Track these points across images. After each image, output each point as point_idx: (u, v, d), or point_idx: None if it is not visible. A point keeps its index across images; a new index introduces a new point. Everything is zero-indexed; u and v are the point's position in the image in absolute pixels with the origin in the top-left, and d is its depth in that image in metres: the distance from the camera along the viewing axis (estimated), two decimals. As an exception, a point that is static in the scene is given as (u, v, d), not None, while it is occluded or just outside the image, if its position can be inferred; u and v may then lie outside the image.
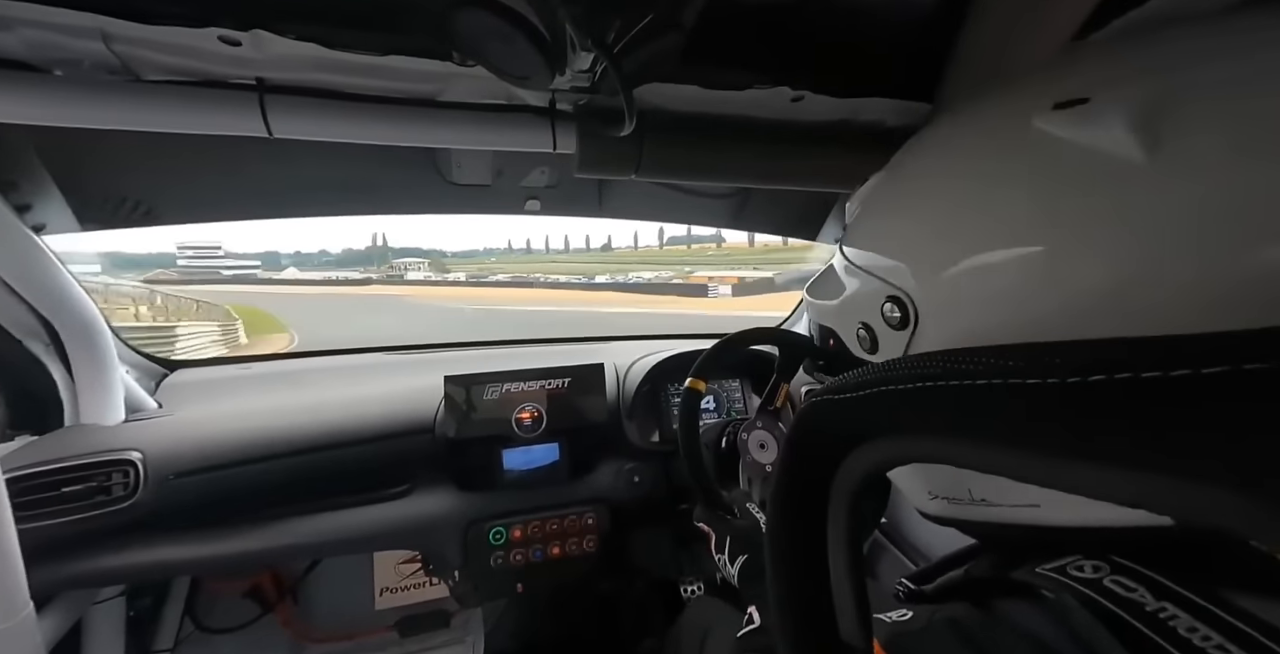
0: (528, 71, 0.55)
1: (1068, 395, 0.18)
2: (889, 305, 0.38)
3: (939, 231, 0.36)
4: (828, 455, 0.29)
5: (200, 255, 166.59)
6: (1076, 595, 0.28)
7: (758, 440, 0.96)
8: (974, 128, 0.38)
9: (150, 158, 0.83)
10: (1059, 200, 0.29)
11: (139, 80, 0.59)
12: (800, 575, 0.30)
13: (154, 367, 1.19)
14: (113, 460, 0.86)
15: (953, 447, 0.24)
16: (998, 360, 0.21)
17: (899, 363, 0.26)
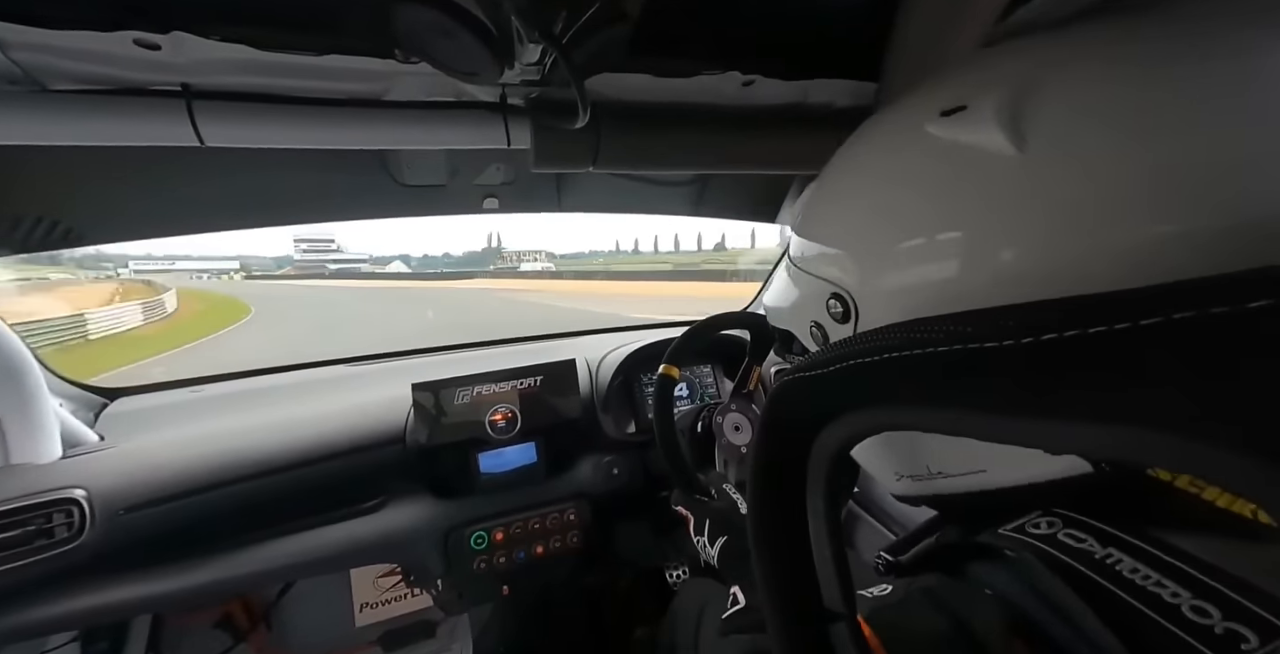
0: (475, 67, 0.53)
1: (1024, 355, 0.20)
2: (832, 302, 0.41)
3: (863, 230, 0.40)
4: (802, 431, 0.30)
5: (314, 249, 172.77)
6: (1035, 552, 0.30)
7: (732, 423, 0.98)
8: (879, 137, 0.42)
9: (69, 174, 0.76)
10: (958, 195, 0.33)
11: (46, 90, 0.54)
12: (782, 548, 0.31)
13: (91, 397, 1.11)
14: (53, 500, 0.80)
15: (920, 413, 0.25)
16: (956, 327, 0.22)
17: (863, 337, 0.27)
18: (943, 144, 0.34)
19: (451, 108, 0.68)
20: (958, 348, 0.21)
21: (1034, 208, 0.29)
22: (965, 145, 0.32)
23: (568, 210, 1.20)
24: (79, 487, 0.82)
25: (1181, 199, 0.25)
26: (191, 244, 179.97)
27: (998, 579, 0.32)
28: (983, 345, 0.21)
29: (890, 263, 0.36)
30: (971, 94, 0.33)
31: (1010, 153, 0.30)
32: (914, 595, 0.35)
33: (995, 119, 0.31)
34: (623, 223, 65.07)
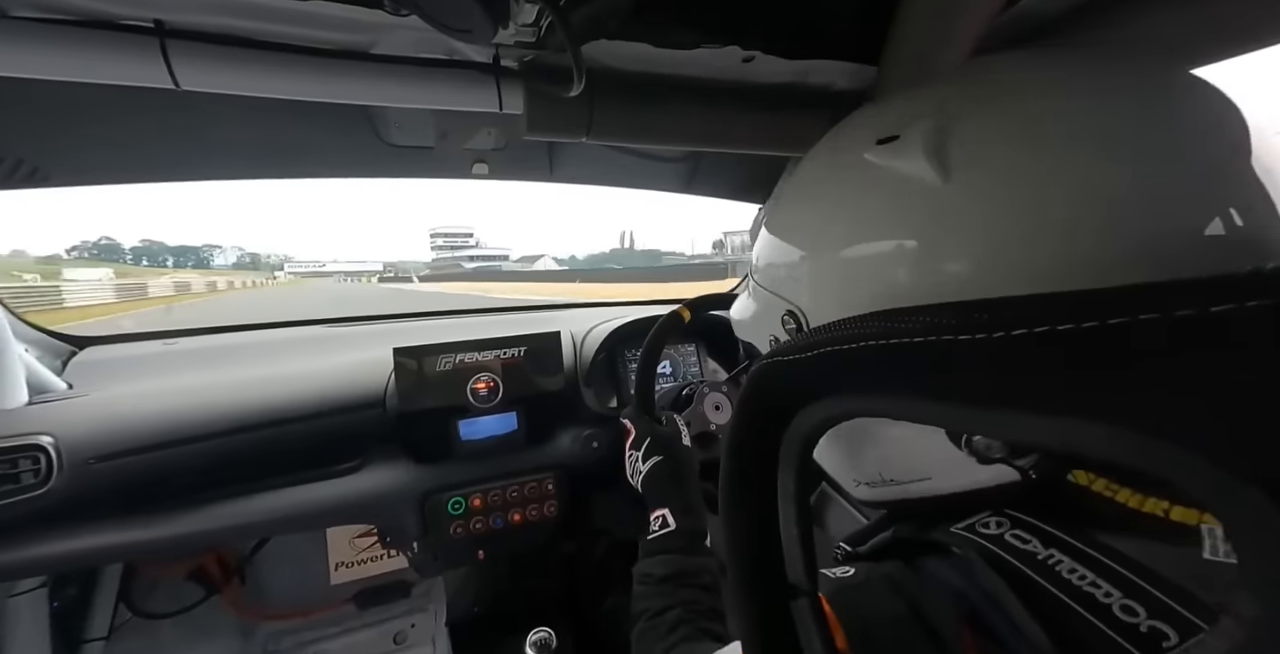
0: (467, 24, 0.51)
1: (993, 348, 0.20)
2: (786, 318, 0.44)
3: (811, 250, 0.42)
4: (778, 414, 0.31)
5: (450, 245, 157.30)
6: (979, 550, 0.33)
7: (713, 402, 1.00)
8: (826, 161, 0.45)
9: (33, 109, 0.73)
10: (894, 219, 0.35)
11: (6, 17, 0.51)
12: (752, 524, 0.32)
13: (59, 344, 1.08)
14: (19, 446, 0.79)
15: (892, 401, 0.26)
16: (933, 318, 0.23)
17: (843, 323, 0.27)
18: (878, 171, 0.36)
19: (442, 65, 0.66)
20: (932, 339, 0.22)
21: (959, 233, 0.32)
22: (897, 173, 0.35)
23: (559, 181, 1.18)
24: (46, 434, 0.81)
25: (1090, 226, 0.29)
26: (344, 250, 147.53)
27: (946, 573, 0.34)
28: (956, 337, 0.21)
29: (836, 282, 0.39)
30: (903, 124, 0.36)
31: (936, 182, 0.33)
32: (875, 579, 0.37)
33: (922, 150, 0.33)
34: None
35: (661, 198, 1.14)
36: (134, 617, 1.17)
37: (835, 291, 0.39)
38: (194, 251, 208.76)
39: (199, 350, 1.21)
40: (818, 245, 0.41)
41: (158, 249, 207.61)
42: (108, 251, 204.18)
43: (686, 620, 0.56)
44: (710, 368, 1.37)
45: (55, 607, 1.02)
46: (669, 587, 0.61)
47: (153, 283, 56.61)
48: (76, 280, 56.31)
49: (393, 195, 31.55)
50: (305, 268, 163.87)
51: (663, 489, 0.74)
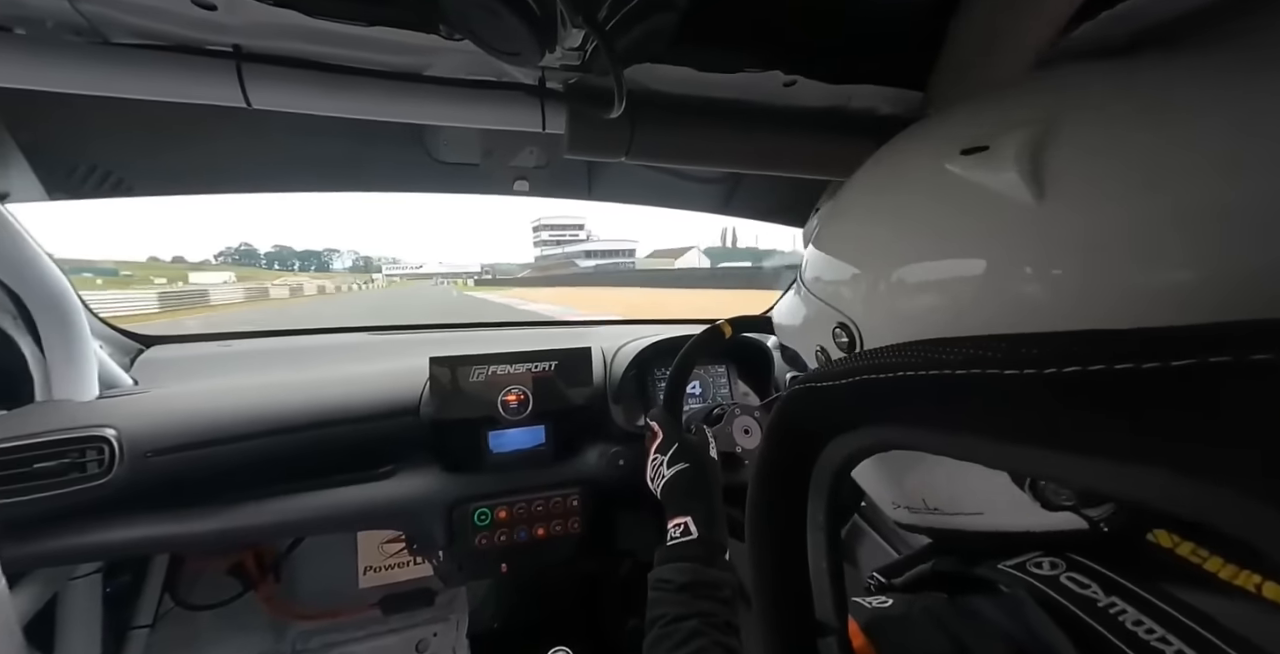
0: (517, 47, 0.53)
1: (1043, 385, 0.19)
2: (838, 330, 0.41)
3: (874, 262, 0.39)
4: (809, 441, 0.30)
5: (557, 238, 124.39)
6: (1031, 591, 0.30)
7: (743, 425, 0.98)
8: (898, 169, 0.41)
9: (123, 126, 0.80)
10: (973, 236, 0.32)
11: (108, 43, 0.56)
12: (779, 555, 0.31)
13: (129, 342, 1.16)
14: (87, 437, 0.84)
15: (929, 435, 0.25)
16: (976, 351, 0.21)
17: (881, 352, 0.26)
18: (961, 183, 0.33)
19: (490, 87, 0.69)
20: (975, 372, 0.21)
21: (1046, 256, 0.29)
22: (983, 188, 0.32)
23: (597, 199, 1.20)
24: (111, 426, 0.86)
25: (1197, 248, 0.25)
26: (451, 252, 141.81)
27: (992, 612, 0.32)
28: (1002, 372, 0.20)
29: (897, 298, 0.36)
30: (993, 134, 0.33)
31: (1028, 200, 0.29)
32: (916, 613, 0.35)
33: (1015, 164, 0.30)
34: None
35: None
36: (177, 607, 1.22)
37: (895, 308, 0.37)
38: (316, 255, 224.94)
39: (253, 352, 1.27)
40: (880, 258, 0.39)
41: (286, 253, 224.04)
42: (246, 256, 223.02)
43: (703, 632, 0.54)
44: (740, 391, 1.34)
45: (108, 592, 1.07)
46: (687, 596, 0.58)
47: (270, 284, 61.53)
48: (200, 284, 61.73)
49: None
50: (403, 271, 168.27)
51: (686, 497, 0.72)
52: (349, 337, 1.43)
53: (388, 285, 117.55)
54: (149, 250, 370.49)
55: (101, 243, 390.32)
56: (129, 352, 1.15)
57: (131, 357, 1.15)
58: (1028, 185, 0.29)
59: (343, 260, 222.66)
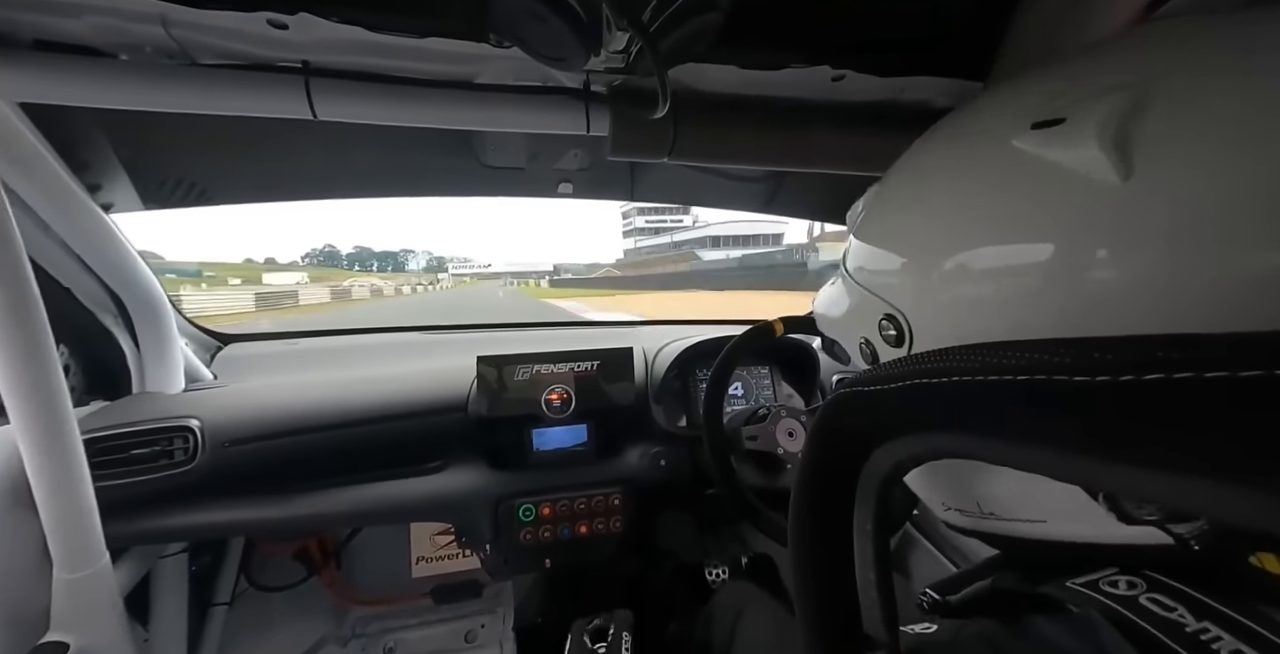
0: (563, 53, 0.55)
1: (1116, 393, 0.18)
2: (885, 322, 0.39)
3: (927, 249, 0.36)
4: (855, 448, 0.29)
5: (656, 225, 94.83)
6: (1105, 612, 0.27)
7: (787, 427, 0.96)
8: (955, 146, 0.38)
9: (204, 141, 0.87)
10: (1043, 221, 0.29)
11: (195, 64, 0.62)
12: (823, 565, 0.30)
13: (210, 340, 1.26)
14: (175, 427, 0.92)
15: (985, 443, 0.23)
16: (1040, 355, 0.20)
17: (933, 355, 0.25)
18: (1031, 162, 0.30)
19: (536, 92, 0.71)
20: (1039, 378, 0.20)
21: (1131, 243, 0.25)
22: (1058, 166, 0.28)
23: (639, 199, 1.21)
24: (195, 417, 0.94)
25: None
26: (517, 251, 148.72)
27: (1059, 635, 0.29)
28: (1070, 378, 0.19)
29: (955, 290, 0.33)
30: (1071, 105, 0.29)
31: (1112, 180, 0.26)
32: (965, 639, 0.33)
33: (1097, 139, 0.27)
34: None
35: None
36: (251, 588, 1.31)
37: (950, 300, 0.34)
38: (392, 256, 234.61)
39: (319, 350, 1.36)
40: (935, 246, 0.35)
41: (365, 254, 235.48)
42: (329, 258, 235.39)
43: None
44: (785, 393, 1.32)
45: (193, 571, 1.16)
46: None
47: (342, 284, 64.74)
48: (272, 285, 66.38)
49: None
50: (470, 270, 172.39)
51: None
52: (403, 336, 1.50)
53: (454, 285, 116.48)
54: (245, 253, 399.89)
55: (205, 246, 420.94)
56: (210, 349, 1.25)
57: (212, 353, 1.25)
58: (1112, 162, 0.26)
59: (417, 261, 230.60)
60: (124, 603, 0.83)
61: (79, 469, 0.71)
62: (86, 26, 0.55)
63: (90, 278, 0.91)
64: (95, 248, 0.87)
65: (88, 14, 0.54)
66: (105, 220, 0.86)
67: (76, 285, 0.90)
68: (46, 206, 0.78)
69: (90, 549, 0.75)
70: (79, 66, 0.59)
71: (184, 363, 1.07)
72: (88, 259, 0.88)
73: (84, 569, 0.75)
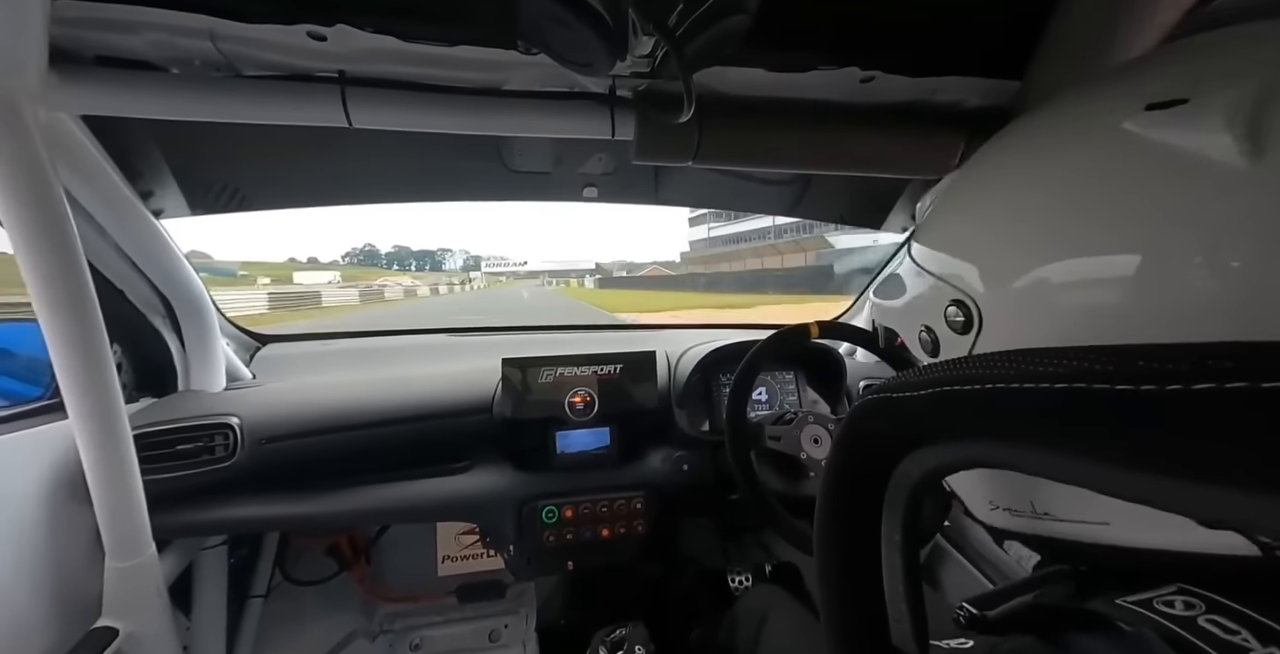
0: (589, 58, 0.55)
1: (1164, 405, 0.17)
2: (952, 309, 0.37)
3: (1016, 236, 0.34)
4: (882, 455, 0.28)
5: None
6: (1161, 632, 0.25)
7: (812, 434, 0.94)
8: (1059, 130, 0.36)
9: (246, 149, 0.91)
10: (1156, 206, 0.27)
11: (239, 76, 0.65)
12: (849, 575, 0.29)
13: (249, 340, 1.31)
14: (216, 424, 0.96)
15: (1022, 454, 0.22)
16: (1079, 363, 0.19)
17: (965, 362, 0.24)
18: (1144, 143, 0.28)
19: (563, 98, 0.72)
20: (1079, 386, 0.19)
21: (1255, 232, 0.23)
22: (1176, 148, 0.27)
23: (663, 203, 1.21)
24: (235, 415, 0.98)
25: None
26: (551, 251, 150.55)
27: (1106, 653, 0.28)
28: (1113, 387, 0.18)
29: (1043, 277, 0.31)
30: (1193, 86, 0.27)
31: (1239, 163, 0.24)
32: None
33: (1225, 119, 0.25)
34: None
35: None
36: (285, 581, 1.35)
37: (1035, 289, 0.32)
38: (430, 255, 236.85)
39: (351, 351, 1.40)
40: (1028, 227, 0.34)
41: (404, 254, 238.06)
42: (368, 257, 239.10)
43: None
44: (810, 399, 1.29)
45: (231, 563, 1.20)
46: None
47: (373, 285, 64.93)
48: (302, 284, 67.53)
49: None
50: (503, 269, 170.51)
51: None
52: (431, 338, 1.53)
53: (488, 285, 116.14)
54: (289, 252, 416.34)
55: (253, 245, 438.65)
56: (249, 348, 1.30)
57: (251, 353, 1.30)
58: (1240, 145, 0.24)
59: (454, 260, 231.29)
60: (168, 593, 0.87)
61: (130, 463, 0.75)
62: (143, 42, 0.59)
63: (141, 280, 0.96)
64: (147, 252, 0.92)
65: (144, 30, 0.57)
66: (156, 226, 0.91)
67: (129, 287, 0.95)
68: (104, 213, 0.82)
69: (138, 540, 0.79)
70: (136, 80, 0.62)
71: (225, 362, 1.12)
72: (140, 263, 0.93)
73: (133, 559, 0.79)
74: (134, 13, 0.54)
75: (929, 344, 0.42)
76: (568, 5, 0.48)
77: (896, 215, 1.17)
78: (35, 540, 0.77)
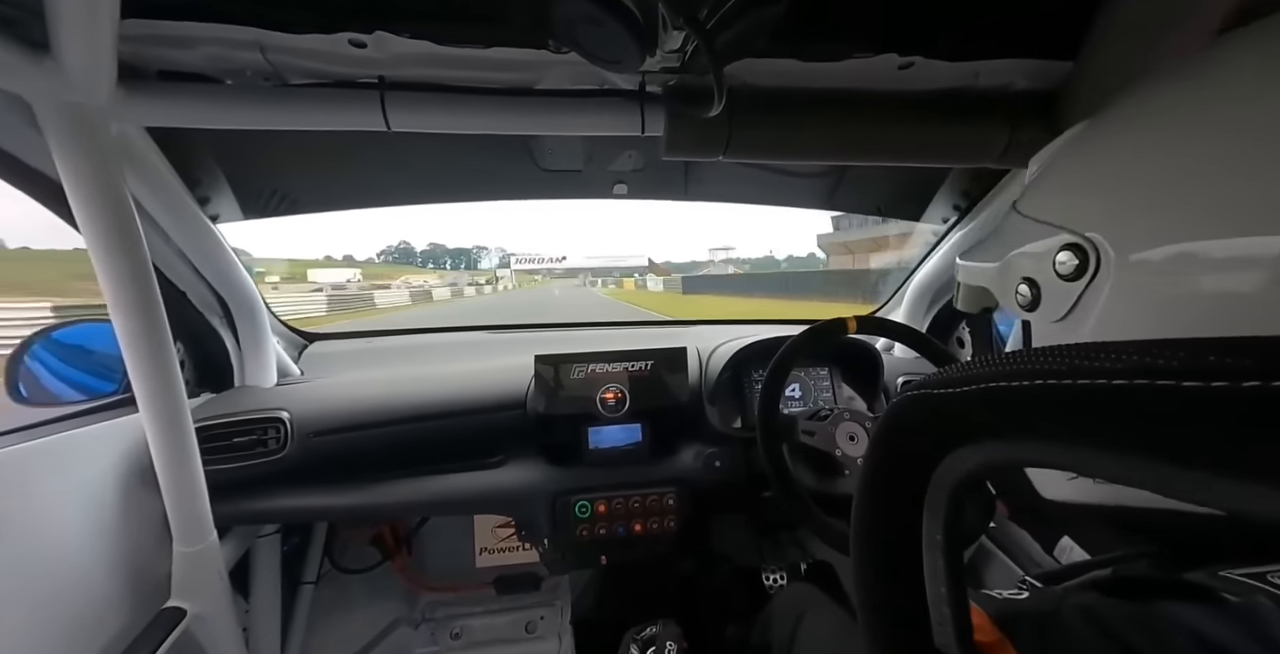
0: (619, 55, 0.56)
1: (1238, 402, 0.16)
2: (1064, 254, 0.35)
3: (1168, 171, 0.31)
4: (922, 454, 0.27)
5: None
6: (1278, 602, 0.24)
7: (848, 431, 0.93)
8: (1240, 82, 0.31)
9: (292, 155, 0.96)
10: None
11: (286, 85, 0.68)
12: (889, 576, 0.29)
13: (298, 338, 1.37)
14: (268, 418, 1.01)
15: (1077, 455, 0.21)
16: (1141, 357, 0.18)
17: (1013, 357, 0.23)
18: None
19: (593, 95, 0.72)
20: (1140, 383, 0.18)
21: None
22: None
23: (693, 199, 1.20)
24: (285, 410, 1.03)
25: None
26: (596, 247, 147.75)
27: (1208, 623, 0.26)
28: (1179, 384, 0.17)
29: (1189, 249, 0.28)
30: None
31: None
32: (1069, 611, 0.30)
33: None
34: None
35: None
36: (333, 569, 1.42)
37: (1175, 255, 0.29)
38: (466, 253, 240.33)
39: (392, 348, 1.45)
40: (1184, 167, 0.30)
41: (440, 252, 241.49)
42: (404, 255, 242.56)
43: None
44: (845, 395, 1.27)
45: (285, 551, 1.27)
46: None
47: (391, 284, 64.53)
48: (318, 281, 68.45)
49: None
50: (541, 266, 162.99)
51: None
52: (467, 335, 1.57)
53: (519, 285, 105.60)
54: (326, 250, 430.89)
55: (291, 243, 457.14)
56: (297, 346, 1.37)
57: (299, 350, 1.36)
58: None
59: (490, 258, 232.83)
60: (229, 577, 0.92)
61: (193, 453, 0.80)
62: (200, 56, 0.62)
63: (201, 282, 1.01)
64: (206, 255, 0.98)
65: (201, 45, 0.60)
66: (213, 230, 0.96)
67: (190, 289, 1.01)
68: (168, 219, 0.88)
69: (201, 526, 0.84)
70: (195, 92, 0.66)
71: (276, 359, 1.17)
72: (199, 265, 0.99)
73: (197, 544, 0.84)
74: (192, 28, 0.58)
75: (1027, 298, 0.39)
76: (600, 3, 0.49)
77: (937, 206, 1.13)
78: (112, 525, 0.83)
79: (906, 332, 0.92)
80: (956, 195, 1.08)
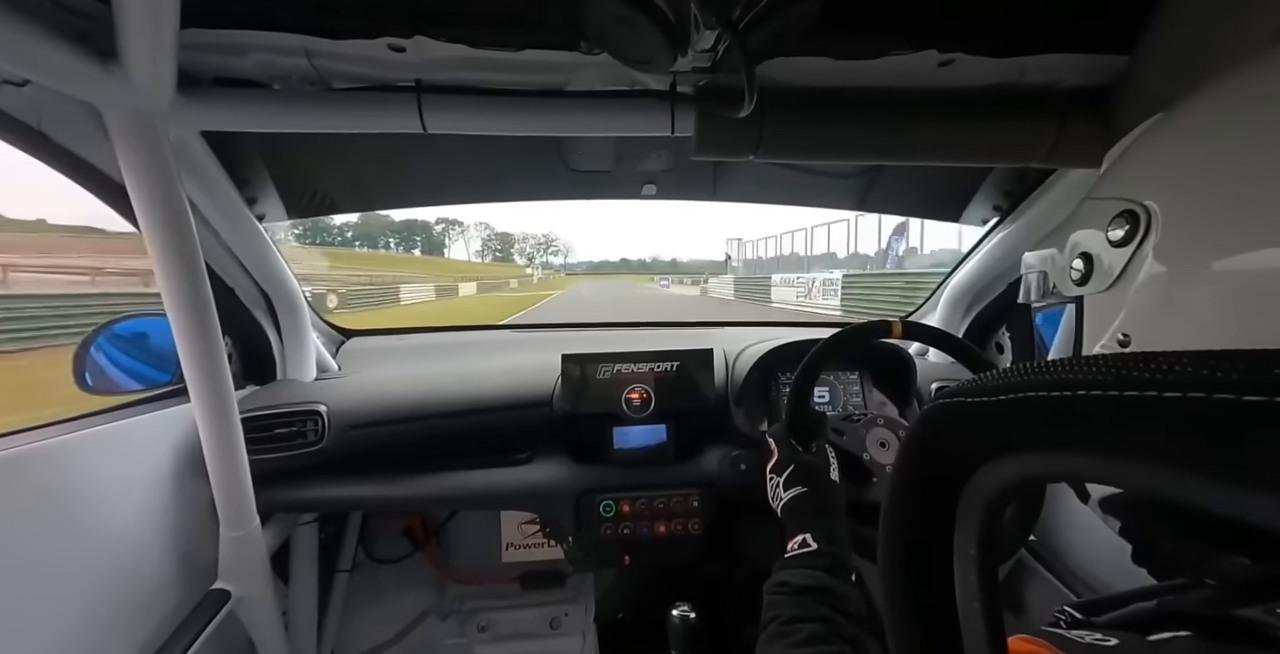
0: (650, 55, 0.56)
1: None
2: (1117, 222, 0.34)
3: (1243, 179, 0.29)
4: (956, 464, 0.26)
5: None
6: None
7: (879, 437, 0.90)
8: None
9: (332, 157, 0.99)
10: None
11: (330, 89, 0.70)
12: (919, 591, 0.28)
13: (335, 334, 1.42)
14: (308, 411, 1.05)
15: (1121, 469, 0.20)
16: (1194, 369, 0.17)
17: (1054, 365, 0.22)
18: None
19: (624, 96, 0.72)
20: (1195, 396, 0.17)
21: None
22: None
23: (721, 199, 1.19)
24: (323, 403, 1.07)
25: None
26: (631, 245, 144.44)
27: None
28: (1240, 398, 0.16)
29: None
30: None
31: None
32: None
33: None
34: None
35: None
36: (367, 558, 1.46)
37: (1261, 213, 0.28)
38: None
39: (424, 345, 1.49)
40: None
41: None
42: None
43: (826, 639, 0.48)
44: (876, 400, 1.23)
45: (322, 539, 1.31)
46: (807, 599, 0.54)
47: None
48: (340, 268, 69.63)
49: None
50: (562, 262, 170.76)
51: (804, 519, 0.69)
52: (496, 334, 1.60)
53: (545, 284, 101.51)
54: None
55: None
56: (335, 341, 1.42)
57: (337, 345, 1.41)
58: None
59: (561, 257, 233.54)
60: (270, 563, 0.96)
61: (239, 443, 0.84)
62: (251, 63, 0.65)
63: (248, 279, 1.06)
64: (253, 254, 1.02)
65: (252, 52, 0.63)
66: (260, 229, 1.01)
67: (238, 286, 1.06)
68: (219, 219, 0.92)
69: (245, 512, 0.88)
70: (247, 97, 0.69)
71: (315, 354, 1.22)
72: (246, 263, 1.03)
73: (242, 529, 0.88)
74: (245, 36, 0.61)
75: (1080, 272, 0.38)
76: (632, 3, 0.49)
77: (977, 206, 1.09)
78: (165, 509, 0.87)
79: (944, 337, 0.90)
80: (998, 196, 1.05)
